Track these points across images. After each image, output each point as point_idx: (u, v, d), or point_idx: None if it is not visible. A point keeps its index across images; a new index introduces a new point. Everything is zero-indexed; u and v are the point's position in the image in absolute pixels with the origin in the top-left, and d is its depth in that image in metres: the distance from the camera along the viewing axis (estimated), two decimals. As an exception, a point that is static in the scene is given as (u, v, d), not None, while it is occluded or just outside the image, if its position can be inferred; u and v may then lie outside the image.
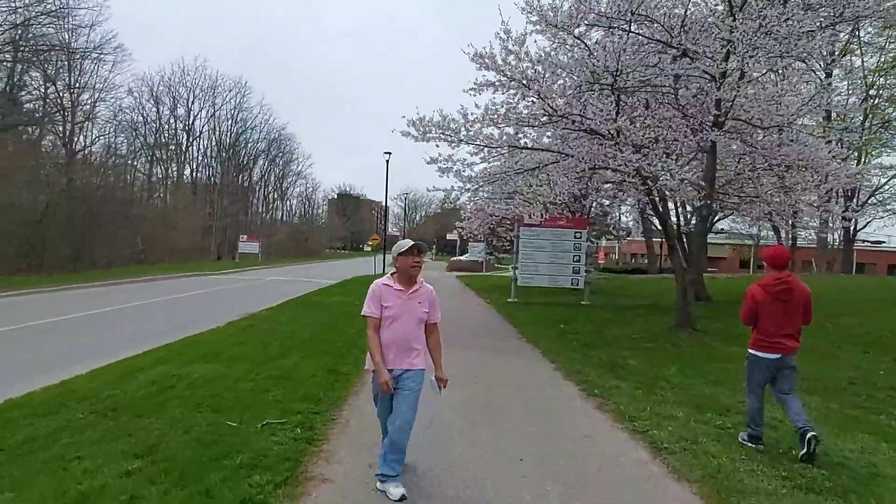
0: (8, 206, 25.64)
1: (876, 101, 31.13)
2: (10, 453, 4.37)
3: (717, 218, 18.60)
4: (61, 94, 36.11)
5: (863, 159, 31.72)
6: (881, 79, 30.82)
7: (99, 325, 12.38)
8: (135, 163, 49.00)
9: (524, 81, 10.17)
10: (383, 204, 47.97)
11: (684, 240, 16.83)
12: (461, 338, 10.78)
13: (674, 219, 15.96)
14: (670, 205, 14.36)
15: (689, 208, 17.82)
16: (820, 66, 31.26)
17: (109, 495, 3.62)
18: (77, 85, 36.64)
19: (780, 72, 11.44)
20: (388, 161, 36.55)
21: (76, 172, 33.18)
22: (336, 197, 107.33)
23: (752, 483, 4.12)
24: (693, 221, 13.50)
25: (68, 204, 29.31)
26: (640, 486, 4.14)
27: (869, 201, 32.67)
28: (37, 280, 23.11)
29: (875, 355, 9.82)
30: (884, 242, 48.43)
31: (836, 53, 26.89)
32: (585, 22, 10.02)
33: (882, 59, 30.39)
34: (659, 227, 12.53)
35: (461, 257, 51.59)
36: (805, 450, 4.48)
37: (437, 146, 11.28)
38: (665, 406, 6.15)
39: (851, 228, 33.17)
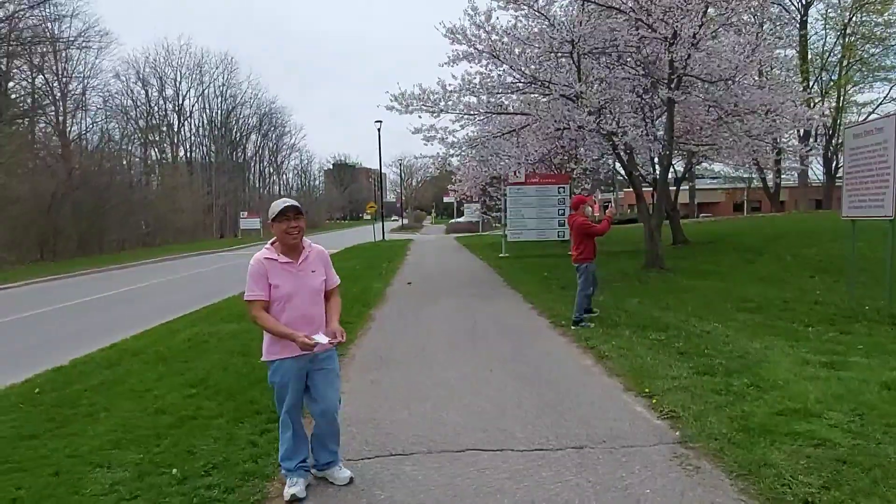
0: (18, 198, 26.76)
1: (853, 40, 31.66)
2: (93, 390, 5.64)
3: (692, 165, 19.60)
4: (51, 83, 36.76)
5: (841, 98, 32.46)
6: (857, 15, 31.26)
7: (126, 301, 13.68)
8: (130, 147, 49.83)
9: (494, 53, 11.16)
10: (379, 171, 48.87)
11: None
12: (453, 288, 12.07)
13: (650, 169, 17.01)
14: (643, 157, 15.39)
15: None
16: (795, 6, 31.68)
17: (180, 409, 4.89)
18: (65, 73, 37.26)
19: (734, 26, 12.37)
20: (379, 130, 37.37)
21: (76, 161, 34.14)
22: (332, 167, 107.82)
23: (665, 372, 5.38)
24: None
25: (74, 192, 30.38)
26: (580, 379, 5.43)
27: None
28: (54, 267, 24.38)
29: (820, 279, 11.06)
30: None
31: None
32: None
33: (856, -4, 30.68)
34: (631, 177, 13.62)
35: (459, 219, 52.77)
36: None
37: (420, 117, 12.35)
38: (616, 328, 7.41)
39: (833, 166, 34.16)
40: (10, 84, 33.43)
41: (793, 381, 4.94)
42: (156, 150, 55.47)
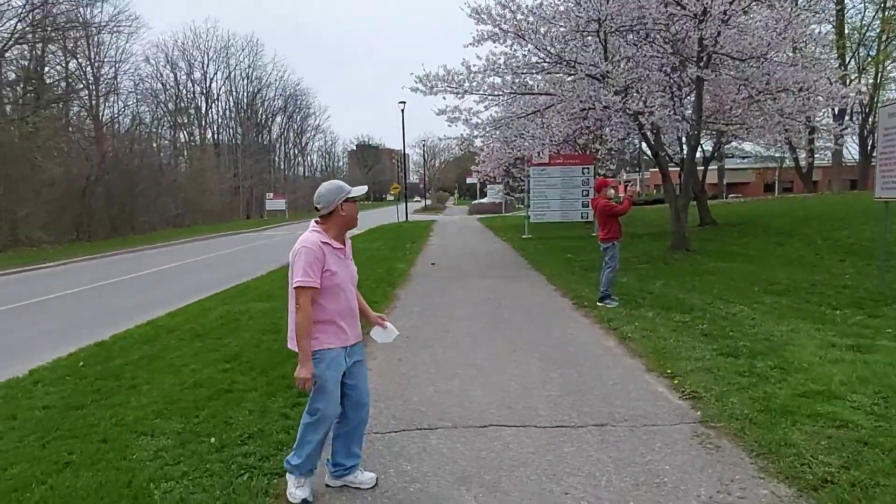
0: (54, 181, 27.54)
1: (893, 14, 30.49)
2: (134, 364, 5.90)
3: (721, 145, 19.28)
4: (84, 68, 37.47)
5: (879, 75, 31.40)
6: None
7: (158, 280, 14.09)
8: (159, 130, 50.67)
9: (519, 33, 11.10)
10: (402, 152, 48.95)
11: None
12: (477, 270, 12.19)
13: (677, 149, 16.80)
14: (670, 137, 15.20)
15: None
16: (832, -19, 30.57)
17: (217, 382, 5.11)
18: (97, 58, 37.91)
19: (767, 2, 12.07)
20: (403, 111, 37.36)
21: (108, 144, 34.88)
22: (355, 148, 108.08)
23: (688, 353, 5.43)
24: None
25: (107, 176, 31.10)
26: (603, 360, 5.51)
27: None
28: (89, 247, 25.10)
29: (851, 262, 10.89)
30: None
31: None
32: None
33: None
34: (658, 157, 13.49)
35: (482, 200, 52.65)
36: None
37: (444, 98, 12.36)
38: (640, 310, 7.45)
39: (869, 146, 33.15)
40: (46, 69, 34.22)
41: (817, 363, 4.96)
42: (184, 132, 56.30)
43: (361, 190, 3.16)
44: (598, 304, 7.83)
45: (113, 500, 3.05)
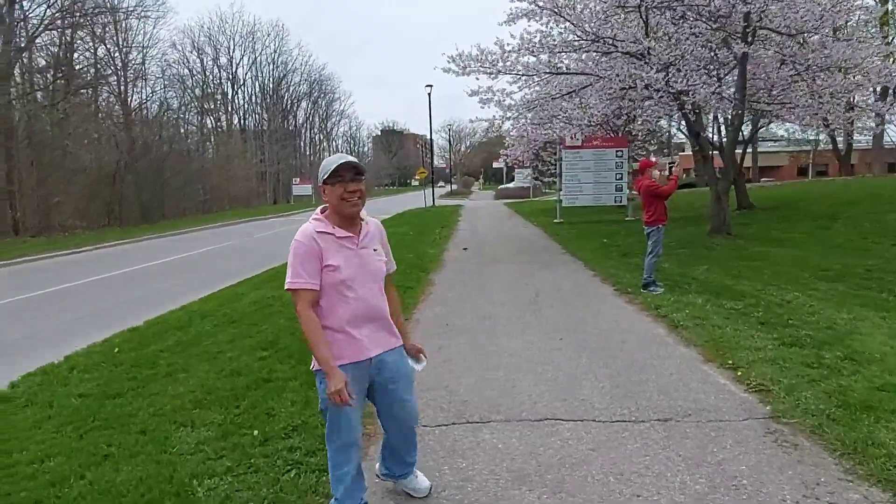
0: (85, 168, 27.91)
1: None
2: (170, 351, 5.80)
3: (759, 125, 18.61)
4: (112, 53, 37.79)
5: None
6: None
7: (188, 265, 14.13)
8: (186, 116, 51.04)
9: (556, 9, 10.69)
10: (427, 137, 48.60)
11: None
12: (510, 255, 11.93)
13: (713, 131, 16.22)
14: (712, 118, 14.66)
15: (727, 120, 17.96)
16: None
17: (253, 371, 4.96)
18: (125, 43, 38.17)
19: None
20: (429, 94, 36.99)
21: (137, 131, 35.24)
22: (380, 133, 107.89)
23: (747, 343, 5.12)
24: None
25: (137, 162, 31.43)
26: (654, 350, 5.22)
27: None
28: (120, 233, 25.41)
29: (904, 247, 10.36)
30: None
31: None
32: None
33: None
34: (698, 139, 12.99)
35: (509, 185, 52.15)
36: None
37: (478, 79, 12.03)
38: (687, 296, 7.12)
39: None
40: (75, 55, 34.56)
41: (890, 353, 4.63)
42: (211, 118, 56.64)
43: (327, 167, 2.42)
44: (642, 290, 7.52)
45: (155, 496, 2.90)
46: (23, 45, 28.30)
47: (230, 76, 57.51)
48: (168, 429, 3.76)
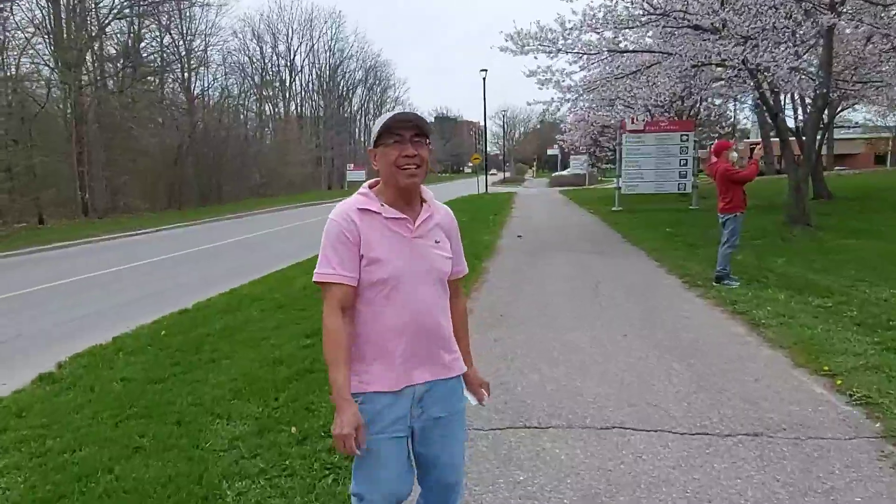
0: (148, 152, 28.80)
1: None
2: (216, 336, 5.64)
3: (839, 109, 17.28)
4: (176, 42, 38.83)
5: None
6: None
7: (244, 248, 14.22)
8: (246, 102, 52.08)
9: (622, -19, 10.01)
10: (481, 124, 47.92)
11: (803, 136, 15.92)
12: (567, 243, 11.40)
13: (791, 114, 15.10)
14: (787, 100, 13.61)
15: (807, 101, 16.71)
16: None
17: (296, 360, 4.72)
18: (189, 32, 39.13)
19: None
20: (484, 79, 36.32)
21: (199, 116, 36.13)
22: (433, 120, 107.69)
23: (843, 346, 4.51)
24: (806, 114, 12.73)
25: (197, 146, 32.25)
26: (734, 350, 4.68)
27: None
28: (181, 215, 26.11)
29: None
30: None
31: None
32: None
33: None
34: (771, 122, 12.04)
35: (563, 172, 50.94)
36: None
37: (536, 58, 11.47)
38: (766, 291, 6.48)
39: None
40: (142, 44, 35.69)
41: None
42: (269, 105, 57.67)
43: (380, 123, 1.74)
44: (715, 283, 6.91)
45: (181, 498, 2.65)
46: (94, 33, 29.32)
47: (288, 63, 58.32)
48: (204, 420, 3.54)
